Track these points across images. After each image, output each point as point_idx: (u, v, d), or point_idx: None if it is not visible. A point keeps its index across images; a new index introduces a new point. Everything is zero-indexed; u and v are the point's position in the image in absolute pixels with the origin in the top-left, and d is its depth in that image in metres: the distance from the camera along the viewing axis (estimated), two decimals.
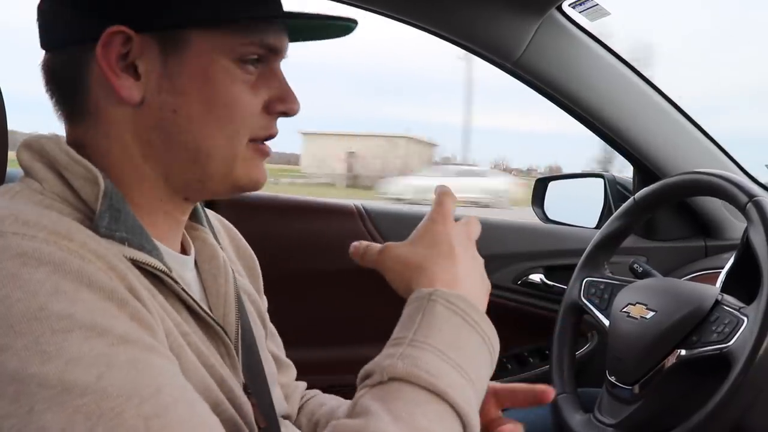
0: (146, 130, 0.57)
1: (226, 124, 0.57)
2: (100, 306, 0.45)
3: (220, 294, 0.64)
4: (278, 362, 0.80)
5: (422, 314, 0.53)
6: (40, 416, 0.41)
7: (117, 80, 0.55)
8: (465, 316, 0.54)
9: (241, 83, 0.57)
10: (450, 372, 0.50)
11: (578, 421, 0.99)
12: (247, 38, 0.57)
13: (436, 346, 0.51)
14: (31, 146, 0.56)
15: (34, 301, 0.43)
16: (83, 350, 0.43)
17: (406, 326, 0.53)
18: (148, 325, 0.48)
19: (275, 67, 0.61)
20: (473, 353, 0.53)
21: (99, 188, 0.52)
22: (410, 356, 0.50)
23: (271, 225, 1.32)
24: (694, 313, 0.87)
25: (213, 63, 0.56)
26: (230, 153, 0.58)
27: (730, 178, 0.93)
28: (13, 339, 0.42)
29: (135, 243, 0.53)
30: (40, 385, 0.41)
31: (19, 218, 0.47)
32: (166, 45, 0.55)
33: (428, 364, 0.50)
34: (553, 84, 1.27)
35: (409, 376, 0.49)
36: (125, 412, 0.42)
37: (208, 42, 0.56)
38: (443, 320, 0.53)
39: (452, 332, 0.53)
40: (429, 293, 0.54)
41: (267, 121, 0.60)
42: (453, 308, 0.54)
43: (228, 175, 0.59)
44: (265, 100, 0.60)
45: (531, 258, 1.40)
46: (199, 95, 0.56)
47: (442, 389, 0.49)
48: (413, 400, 0.48)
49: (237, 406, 0.58)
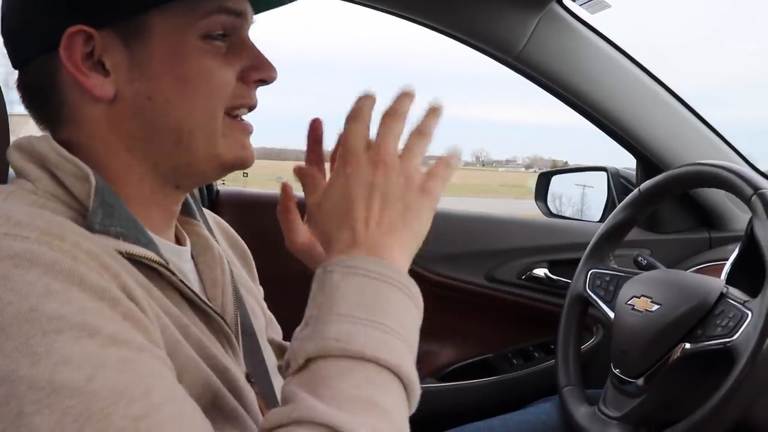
0: (126, 123, 0.57)
1: (202, 100, 0.57)
2: (91, 306, 0.45)
3: (217, 285, 0.64)
4: (281, 347, 0.80)
5: (321, 289, 0.50)
6: (29, 419, 0.40)
7: (87, 80, 0.55)
8: (367, 273, 0.50)
9: (210, 57, 0.57)
10: (362, 331, 0.47)
11: (583, 413, 0.99)
12: (206, 9, 0.56)
13: (341, 312, 0.48)
14: (21, 147, 0.56)
15: (26, 303, 0.43)
16: (74, 351, 0.42)
17: (310, 306, 0.50)
18: (142, 325, 0.48)
19: (244, 37, 0.60)
20: (387, 305, 0.49)
21: (90, 185, 0.53)
22: (317, 332, 0.48)
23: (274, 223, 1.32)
24: (698, 307, 0.87)
25: (179, 43, 0.56)
26: (211, 129, 0.58)
27: (735, 170, 0.92)
28: (4, 341, 0.42)
29: (130, 237, 0.53)
30: (30, 387, 0.41)
31: (11, 219, 0.47)
32: (128, 35, 0.55)
33: (335, 332, 0.47)
34: (554, 77, 1.26)
35: (321, 351, 0.47)
36: (114, 413, 0.41)
37: (170, 23, 0.56)
38: (343, 287, 0.49)
39: (355, 293, 0.49)
40: (324, 266, 0.51)
41: (244, 90, 0.60)
42: (350, 271, 0.50)
43: (212, 154, 0.59)
44: (238, 71, 0.59)
45: (535, 253, 1.40)
46: (171, 76, 0.56)
47: (357, 349, 0.46)
48: (333, 373, 0.46)
49: (241, 396, 0.58)
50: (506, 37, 1.22)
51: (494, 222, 1.44)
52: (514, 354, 1.42)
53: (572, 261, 1.19)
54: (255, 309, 0.74)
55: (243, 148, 0.61)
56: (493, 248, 1.40)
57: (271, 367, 0.70)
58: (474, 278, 1.38)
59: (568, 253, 1.39)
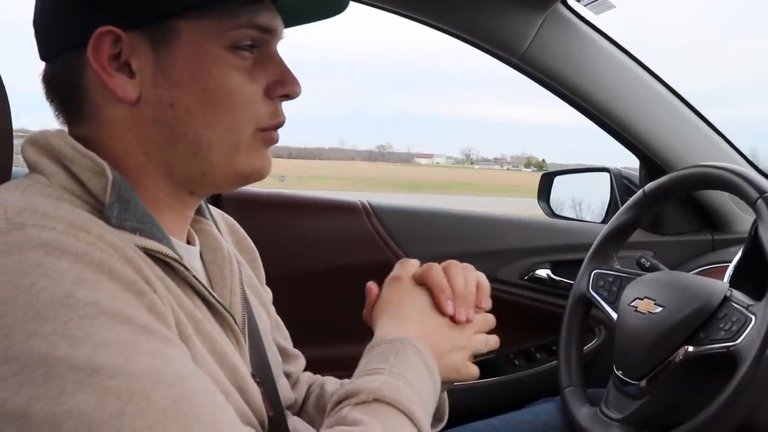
0: (146, 127, 0.57)
1: (225, 114, 0.57)
2: (121, 296, 0.46)
3: (226, 284, 0.64)
4: (285, 353, 0.81)
5: (396, 353, 0.60)
6: (71, 397, 0.41)
7: (112, 80, 0.55)
8: (426, 364, 0.61)
9: (235, 70, 0.57)
10: (419, 402, 0.57)
11: (585, 414, 0.99)
12: (236, 22, 0.56)
13: (409, 379, 0.58)
14: (36, 142, 0.57)
15: (60, 289, 0.44)
16: (109, 336, 0.44)
17: (383, 359, 0.59)
18: (163, 317, 0.49)
19: (272, 51, 0.60)
20: (428, 390, 0.61)
21: (107, 179, 0.53)
22: (392, 383, 0.56)
23: (276, 222, 1.32)
24: (702, 310, 0.87)
25: (205, 52, 0.56)
26: (232, 143, 0.58)
27: (740, 173, 0.92)
28: (41, 324, 0.43)
29: (146, 232, 0.53)
30: (70, 368, 0.42)
31: (37, 210, 0.48)
32: (155, 39, 0.55)
33: (407, 392, 0.56)
34: (558, 78, 1.26)
35: (392, 400, 0.55)
36: (155, 393, 0.43)
37: (198, 31, 0.55)
38: (413, 362, 0.60)
39: (418, 372, 0.60)
40: (402, 339, 0.62)
41: (271, 107, 0.60)
42: (419, 354, 0.61)
43: (230, 166, 0.59)
44: (264, 86, 0.59)
45: (537, 253, 1.40)
46: (194, 86, 0.56)
47: (418, 416, 0.56)
48: (394, 420, 0.54)
49: (247, 395, 0.59)
50: (510, 37, 1.22)
51: (496, 222, 1.44)
52: (515, 355, 1.42)
53: (575, 262, 1.19)
54: (259, 310, 0.74)
55: (261, 159, 0.61)
56: (496, 249, 1.40)
57: (275, 368, 0.70)
58: None
59: (570, 253, 1.38)
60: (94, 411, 0.41)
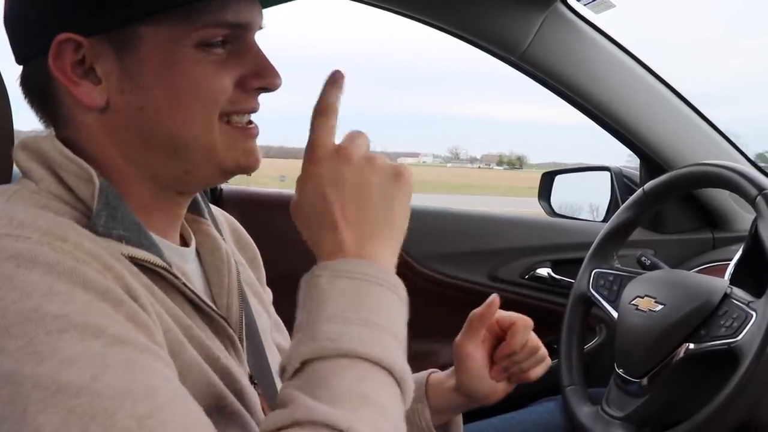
0: (119, 132, 0.56)
1: (196, 110, 0.55)
2: (95, 307, 0.45)
3: (223, 285, 0.64)
4: (285, 352, 0.80)
5: (309, 294, 0.51)
6: (34, 418, 0.41)
7: (77, 88, 0.54)
8: (351, 275, 0.51)
9: (204, 64, 0.54)
10: (352, 330, 0.48)
11: (586, 413, 0.99)
12: (202, 22, 0.54)
13: (331, 313, 0.49)
14: (27, 146, 0.56)
15: (29, 303, 0.43)
16: (78, 350, 0.42)
17: (301, 311, 0.51)
18: (145, 326, 0.48)
19: (248, 42, 0.57)
20: (374, 304, 0.50)
21: (94, 186, 0.52)
22: (309, 335, 0.49)
23: (277, 222, 1.31)
24: (702, 307, 0.87)
25: (172, 53, 0.54)
26: (208, 138, 0.56)
27: (739, 170, 0.92)
28: (7, 341, 0.42)
29: (133, 240, 0.52)
30: (35, 387, 0.41)
31: (13, 220, 0.47)
32: (118, 45, 0.54)
33: (328, 333, 0.48)
34: (558, 77, 1.26)
35: (315, 353, 0.47)
36: (118, 412, 0.41)
37: (162, 33, 0.54)
38: (329, 289, 0.50)
39: (341, 295, 0.50)
40: (311, 273, 0.52)
41: (243, 97, 0.57)
42: (336, 274, 0.51)
43: (211, 160, 0.57)
44: (238, 77, 0.56)
45: (538, 252, 1.40)
46: (162, 87, 0.54)
47: (348, 348, 0.47)
48: (327, 373, 0.47)
49: (244, 397, 0.58)
50: (510, 36, 1.22)
51: (497, 221, 1.44)
52: None
53: (575, 261, 1.19)
54: (259, 310, 0.74)
55: (244, 154, 0.58)
56: (496, 247, 1.40)
57: (275, 369, 0.69)
58: (477, 277, 1.38)
59: (571, 252, 1.38)
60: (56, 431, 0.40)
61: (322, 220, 0.53)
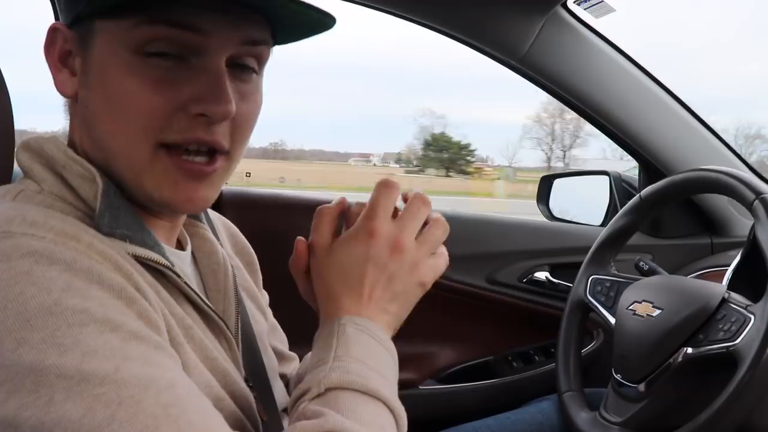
0: (84, 125, 0.57)
1: (123, 125, 0.53)
2: (111, 303, 0.46)
3: (219, 289, 0.64)
4: (281, 355, 0.80)
5: (337, 336, 0.56)
6: (60, 406, 0.41)
7: (57, 74, 0.57)
8: (371, 335, 0.58)
9: (139, 77, 0.51)
10: (373, 375, 0.55)
11: (584, 419, 0.99)
12: (137, 19, 0.50)
13: (356, 357, 0.55)
14: (30, 147, 0.56)
15: (49, 297, 0.44)
16: (98, 343, 0.44)
17: (326, 348, 0.56)
18: (154, 324, 0.49)
19: (208, 62, 0.52)
20: (384, 361, 0.58)
21: (97, 186, 0.53)
22: (340, 368, 0.54)
23: (275, 222, 1.32)
24: (700, 312, 0.87)
25: (111, 55, 0.53)
26: (134, 158, 0.53)
27: (737, 175, 0.92)
28: (29, 333, 0.43)
29: (137, 239, 0.53)
30: (59, 376, 0.42)
31: (26, 219, 0.48)
32: (81, 38, 0.55)
33: (356, 370, 0.54)
34: (558, 81, 1.27)
35: (343, 383, 0.53)
36: (144, 400, 0.43)
37: (110, 32, 0.53)
38: (355, 338, 0.57)
39: (365, 347, 0.57)
40: (338, 321, 0.58)
41: (185, 123, 0.52)
42: (360, 329, 0.57)
43: (139, 187, 0.55)
44: (180, 100, 0.52)
45: (536, 256, 1.40)
46: (99, 89, 0.54)
47: (373, 388, 0.54)
48: (353, 402, 0.53)
49: (240, 399, 0.59)
50: (511, 39, 1.22)
51: (495, 224, 1.44)
52: (514, 357, 1.42)
53: (573, 264, 1.19)
54: (255, 314, 0.74)
55: (175, 190, 0.54)
56: (494, 251, 1.40)
57: (271, 372, 0.70)
58: (475, 280, 1.38)
59: (569, 256, 1.39)
60: (83, 419, 0.41)
61: (351, 284, 0.59)
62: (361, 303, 0.58)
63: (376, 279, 0.58)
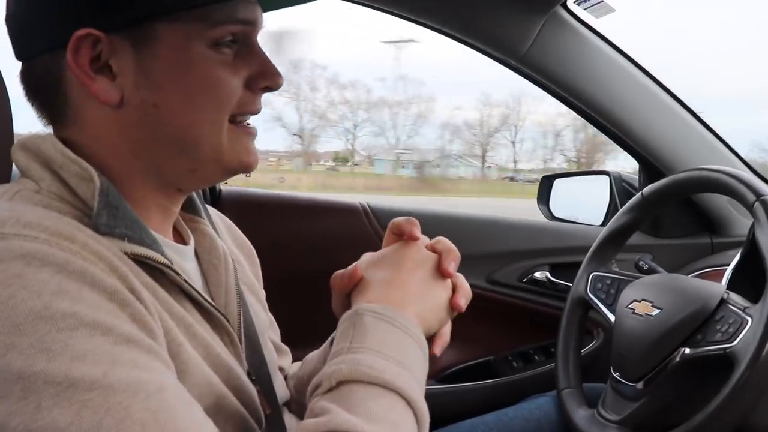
0: (131, 128, 0.56)
1: (209, 111, 0.57)
2: (103, 306, 0.46)
3: (221, 284, 0.65)
4: (278, 348, 0.81)
5: (353, 326, 0.56)
6: (48, 412, 0.41)
7: (93, 83, 0.55)
8: (392, 322, 0.57)
9: (219, 66, 0.56)
10: (389, 365, 0.53)
11: (582, 416, 0.99)
12: (216, 20, 0.56)
13: (372, 347, 0.54)
14: (26, 146, 0.56)
15: (39, 301, 0.44)
16: (88, 347, 0.43)
17: (342, 340, 0.56)
18: (148, 327, 0.49)
19: (252, 43, 0.60)
20: (406, 350, 0.56)
21: (95, 186, 0.53)
22: (351, 360, 0.53)
23: (276, 223, 1.32)
24: (699, 312, 0.87)
25: (187, 52, 0.55)
26: (217, 138, 0.58)
27: (738, 176, 0.92)
28: (18, 338, 0.42)
29: (135, 238, 0.53)
30: (47, 382, 0.42)
31: (20, 220, 0.47)
32: (136, 41, 0.55)
33: (369, 361, 0.53)
34: (558, 81, 1.27)
35: (354, 375, 0.52)
36: (132, 406, 0.43)
37: (179, 31, 0.55)
38: (373, 327, 0.56)
39: (383, 335, 0.56)
40: (355, 309, 0.58)
41: (249, 97, 0.59)
42: (379, 317, 0.57)
43: (218, 161, 0.59)
44: (245, 78, 0.58)
45: (536, 255, 1.40)
46: (178, 86, 0.56)
47: (388, 379, 0.52)
48: (364, 395, 0.51)
49: (243, 394, 0.59)
50: (510, 39, 1.22)
51: (496, 224, 1.44)
52: (514, 357, 1.42)
53: (573, 264, 1.19)
54: (257, 309, 0.75)
55: (247, 153, 0.60)
56: (494, 250, 1.40)
57: (272, 366, 0.70)
58: (475, 280, 1.38)
59: (569, 256, 1.39)
60: (71, 426, 0.41)
61: (388, 275, 0.61)
62: (388, 295, 0.59)
63: (409, 278, 0.61)
